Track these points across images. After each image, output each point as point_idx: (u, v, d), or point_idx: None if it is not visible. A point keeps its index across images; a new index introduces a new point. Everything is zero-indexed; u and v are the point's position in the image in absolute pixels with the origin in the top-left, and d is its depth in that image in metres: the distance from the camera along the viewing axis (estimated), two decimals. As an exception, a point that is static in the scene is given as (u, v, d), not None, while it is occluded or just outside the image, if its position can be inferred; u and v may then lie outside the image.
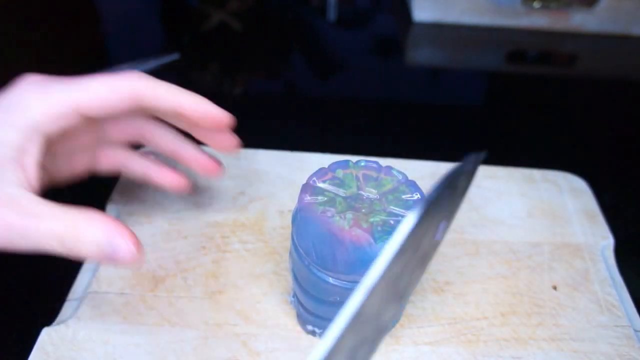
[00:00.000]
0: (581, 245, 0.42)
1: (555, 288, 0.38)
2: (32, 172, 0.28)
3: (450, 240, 0.41)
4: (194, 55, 0.66)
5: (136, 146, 0.44)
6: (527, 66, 0.71)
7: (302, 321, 0.34)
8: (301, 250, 0.30)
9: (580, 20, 0.73)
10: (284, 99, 0.62)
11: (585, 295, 0.38)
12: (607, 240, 0.42)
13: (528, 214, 0.44)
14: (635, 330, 0.36)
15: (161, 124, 0.37)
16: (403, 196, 0.30)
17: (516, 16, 0.73)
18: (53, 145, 0.31)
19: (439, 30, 0.74)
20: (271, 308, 0.36)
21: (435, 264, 0.40)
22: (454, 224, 0.42)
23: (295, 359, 0.33)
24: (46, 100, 0.28)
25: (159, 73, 0.61)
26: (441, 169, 0.47)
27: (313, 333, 0.34)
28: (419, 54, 0.73)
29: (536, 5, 0.71)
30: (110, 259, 0.26)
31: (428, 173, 0.47)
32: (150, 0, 0.81)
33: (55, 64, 0.65)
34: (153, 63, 0.62)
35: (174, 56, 0.63)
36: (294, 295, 0.34)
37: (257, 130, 0.55)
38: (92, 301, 0.35)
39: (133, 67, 0.60)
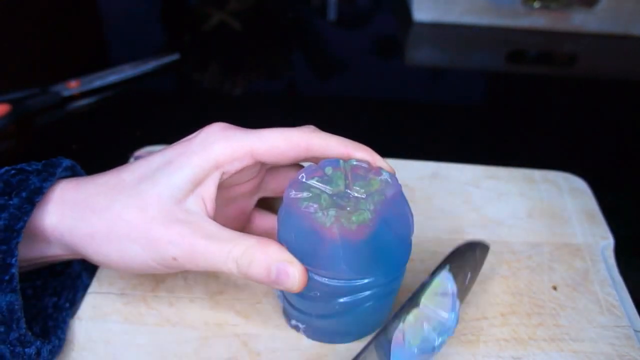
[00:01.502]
0: (581, 245, 0.42)
1: (555, 288, 0.39)
2: (210, 203, 0.31)
3: (450, 240, 0.41)
4: (194, 55, 0.67)
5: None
6: (527, 66, 0.71)
7: (287, 316, 0.35)
8: (284, 244, 0.30)
9: (580, 20, 0.73)
10: (284, 99, 0.62)
11: (585, 295, 0.38)
12: (607, 241, 0.42)
13: (528, 214, 0.44)
14: (635, 331, 0.36)
15: None
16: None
17: (516, 16, 0.73)
18: (222, 188, 0.34)
19: (439, 30, 0.74)
20: (271, 308, 0.36)
21: (436, 264, 0.40)
22: (454, 224, 0.43)
23: (295, 359, 0.33)
24: (228, 143, 0.31)
25: (160, 73, 0.62)
26: (441, 168, 0.48)
27: (297, 328, 0.34)
28: (419, 54, 0.73)
29: (536, 5, 0.71)
30: (277, 284, 0.29)
31: (428, 173, 0.47)
32: (150, 0, 0.81)
33: (55, 64, 0.65)
34: (153, 63, 0.62)
35: (174, 56, 0.64)
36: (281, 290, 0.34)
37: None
38: (93, 301, 0.35)
39: (133, 67, 0.60)
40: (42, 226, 0.30)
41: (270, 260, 0.29)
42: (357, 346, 0.34)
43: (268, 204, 0.39)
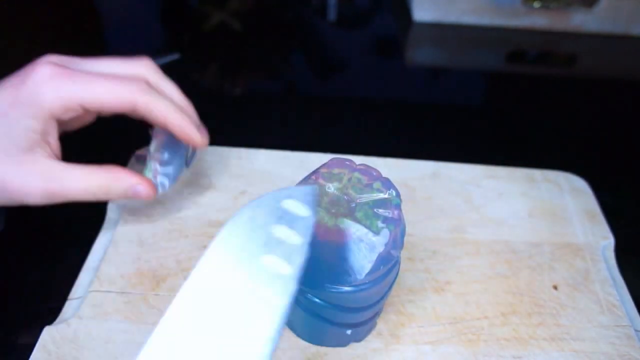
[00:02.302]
0: (582, 245, 0.42)
1: (555, 288, 0.39)
2: (55, 147, 0.35)
3: (451, 240, 0.41)
4: (194, 55, 0.66)
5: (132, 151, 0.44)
6: (527, 66, 0.71)
7: None
8: None
9: (580, 20, 0.73)
10: (284, 99, 0.62)
11: (586, 295, 0.38)
12: (607, 240, 0.42)
13: (529, 213, 0.44)
14: (636, 330, 0.36)
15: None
16: (379, 210, 0.30)
17: (516, 16, 0.73)
18: (65, 123, 0.37)
19: (439, 30, 0.74)
20: (272, 307, 0.36)
21: (436, 264, 0.40)
22: (455, 223, 0.43)
23: (296, 359, 0.33)
24: (58, 94, 0.33)
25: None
26: (442, 168, 0.48)
27: None
28: (419, 54, 0.73)
29: (536, 5, 0.71)
30: (135, 199, 0.36)
31: (428, 173, 0.47)
32: (150, 0, 0.81)
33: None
34: (153, 63, 0.62)
35: (174, 56, 0.64)
36: None
37: (257, 130, 0.55)
38: (93, 300, 0.35)
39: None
40: None
41: (124, 185, 0.35)
42: (357, 345, 0.34)
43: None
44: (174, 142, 0.40)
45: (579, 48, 0.73)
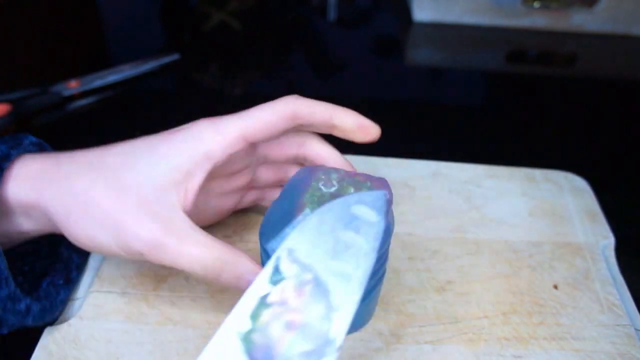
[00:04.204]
0: (582, 244, 0.42)
1: (556, 287, 0.39)
2: (192, 196, 0.31)
3: (451, 239, 0.41)
4: (194, 55, 0.67)
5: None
6: (527, 66, 0.71)
7: None
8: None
9: (580, 20, 0.73)
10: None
11: (586, 294, 0.38)
12: (607, 240, 0.42)
13: (529, 213, 0.44)
14: (637, 330, 0.36)
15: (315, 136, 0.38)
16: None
17: (516, 16, 0.73)
18: (214, 177, 0.34)
19: (439, 30, 0.74)
20: (273, 307, 0.36)
21: (437, 263, 0.40)
22: (455, 223, 0.43)
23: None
24: (217, 130, 0.31)
25: (160, 73, 0.61)
26: (442, 167, 0.48)
27: None
28: (419, 54, 0.73)
29: (536, 5, 0.72)
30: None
31: (429, 172, 0.47)
32: (150, 0, 0.81)
33: (55, 63, 0.65)
34: (153, 63, 0.62)
35: (174, 56, 0.64)
36: None
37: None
38: (94, 300, 0.35)
39: (133, 67, 0.60)
40: (21, 200, 0.31)
41: (239, 273, 0.30)
42: (357, 345, 0.34)
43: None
44: None
45: (579, 48, 0.73)
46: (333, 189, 0.31)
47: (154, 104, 0.59)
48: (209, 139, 0.31)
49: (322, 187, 0.31)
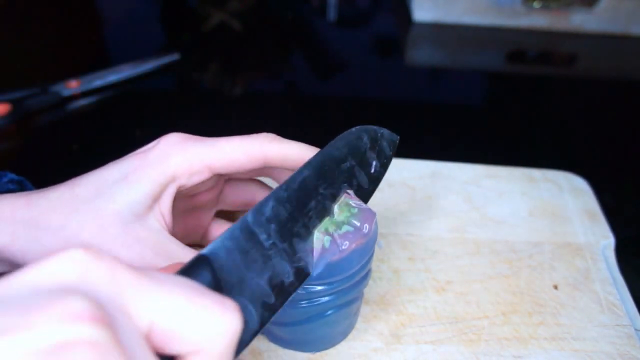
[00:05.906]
0: (582, 244, 0.42)
1: (556, 287, 0.39)
2: (168, 217, 0.31)
3: (451, 239, 0.41)
4: (194, 55, 0.67)
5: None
6: (527, 66, 0.71)
7: None
8: None
9: (580, 20, 0.73)
10: (284, 99, 0.62)
11: (586, 294, 0.38)
12: (607, 240, 0.42)
13: (529, 213, 0.44)
14: (636, 330, 0.36)
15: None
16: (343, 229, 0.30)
17: (516, 16, 0.73)
18: (180, 199, 0.33)
19: (439, 30, 0.74)
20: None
21: (437, 263, 0.40)
22: (455, 223, 0.43)
23: (297, 358, 0.33)
24: (185, 156, 0.31)
25: (160, 73, 0.62)
26: (442, 168, 0.48)
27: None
28: (419, 54, 0.73)
29: (536, 5, 0.72)
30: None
31: (428, 172, 0.47)
32: (150, 0, 0.81)
33: (55, 63, 0.65)
34: (153, 63, 0.62)
35: (174, 56, 0.64)
36: None
37: (257, 130, 0.55)
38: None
39: (133, 67, 0.60)
40: None
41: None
42: (358, 345, 0.34)
43: (227, 215, 0.39)
44: None
45: (579, 48, 0.73)
46: None
47: (154, 104, 0.59)
48: (175, 164, 0.31)
49: None
